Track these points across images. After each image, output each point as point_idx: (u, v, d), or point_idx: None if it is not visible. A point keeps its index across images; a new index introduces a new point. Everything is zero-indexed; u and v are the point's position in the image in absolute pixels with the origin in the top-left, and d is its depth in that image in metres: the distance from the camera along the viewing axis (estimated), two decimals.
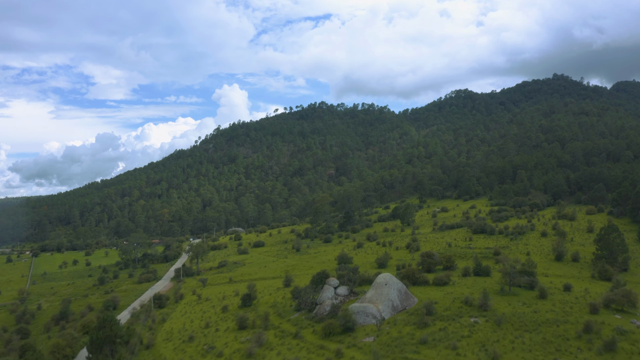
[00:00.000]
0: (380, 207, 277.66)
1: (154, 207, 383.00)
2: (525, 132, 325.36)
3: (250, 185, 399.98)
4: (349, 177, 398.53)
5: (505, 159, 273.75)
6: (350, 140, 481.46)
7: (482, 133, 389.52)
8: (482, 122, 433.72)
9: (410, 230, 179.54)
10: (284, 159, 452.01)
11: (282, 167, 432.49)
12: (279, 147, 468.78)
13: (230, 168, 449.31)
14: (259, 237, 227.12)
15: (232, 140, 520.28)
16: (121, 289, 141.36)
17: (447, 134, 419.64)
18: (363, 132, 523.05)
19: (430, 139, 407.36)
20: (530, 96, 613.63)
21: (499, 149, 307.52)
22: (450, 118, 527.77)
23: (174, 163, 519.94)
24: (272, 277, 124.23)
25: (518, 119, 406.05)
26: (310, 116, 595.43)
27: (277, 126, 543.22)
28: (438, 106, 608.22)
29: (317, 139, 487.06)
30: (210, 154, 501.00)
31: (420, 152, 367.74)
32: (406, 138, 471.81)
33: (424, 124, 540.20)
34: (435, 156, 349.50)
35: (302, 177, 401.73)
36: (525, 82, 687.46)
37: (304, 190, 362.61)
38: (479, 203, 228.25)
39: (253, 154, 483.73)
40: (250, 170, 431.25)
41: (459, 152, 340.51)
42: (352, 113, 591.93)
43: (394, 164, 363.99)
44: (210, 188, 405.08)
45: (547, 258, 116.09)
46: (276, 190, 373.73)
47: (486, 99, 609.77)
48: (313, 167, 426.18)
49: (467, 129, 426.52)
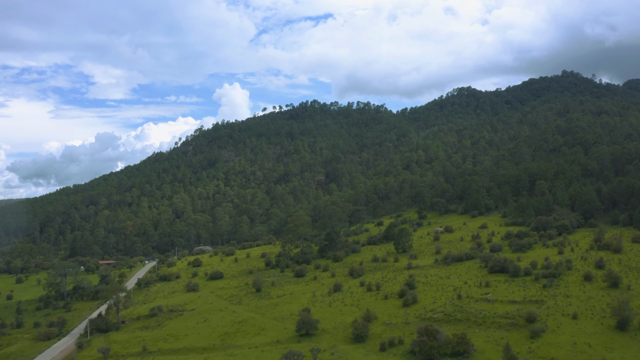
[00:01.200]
0: (373, 221, 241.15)
1: (119, 218, 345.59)
2: (540, 134, 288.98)
3: (229, 193, 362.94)
4: (339, 184, 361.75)
5: (520, 166, 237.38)
6: (342, 142, 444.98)
7: (489, 135, 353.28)
8: (488, 123, 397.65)
9: (406, 261, 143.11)
10: (268, 163, 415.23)
11: (266, 172, 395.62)
12: (264, 150, 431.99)
13: (209, 173, 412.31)
14: (222, 262, 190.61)
15: (214, 142, 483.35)
16: (5, 351, 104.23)
17: (449, 136, 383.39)
18: (357, 133, 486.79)
19: (431, 141, 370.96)
20: (538, 94, 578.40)
21: (511, 153, 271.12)
22: (452, 118, 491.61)
23: (149, 167, 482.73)
24: (201, 349, 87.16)
25: (529, 119, 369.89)
26: (301, 116, 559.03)
27: (263, 127, 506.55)
28: (439, 105, 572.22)
29: (307, 140, 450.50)
30: (188, 158, 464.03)
31: (420, 156, 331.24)
32: (404, 140, 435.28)
33: (424, 124, 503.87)
34: (436, 161, 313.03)
35: (287, 184, 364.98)
36: (532, 79, 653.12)
37: (288, 200, 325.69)
38: (491, 221, 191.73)
39: (235, 157, 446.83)
40: (231, 176, 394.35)
41: (464, 157, 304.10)
42: (345, 112, 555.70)
43: (389, 170, 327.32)
44: (185, 196, 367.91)
45: (603, 324, 79.68)
46: (257, 199, 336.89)
47: (491, 97, 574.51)
48: (300, 173, 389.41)
49: (471, 130, 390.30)
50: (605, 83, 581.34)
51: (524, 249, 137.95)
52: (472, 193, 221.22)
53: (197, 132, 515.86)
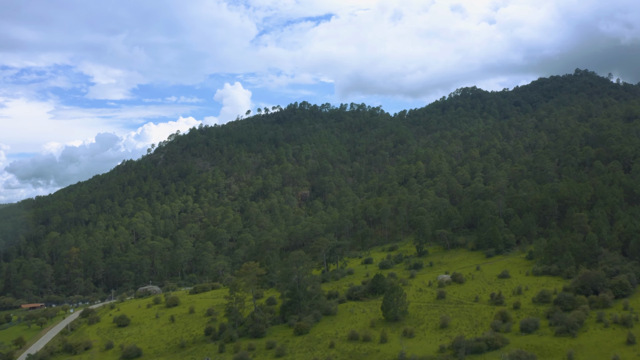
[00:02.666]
0: (360, 256, 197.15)
1: (66, 242, 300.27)
2: (564, 145, 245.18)
3: (198, 211, 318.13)
4: (325, 200, 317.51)
5: (544, 186, 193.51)
6: (332, 149, 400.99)
7: (501, 143, 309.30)
8: (498, 128, 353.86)
9: (397, 342, 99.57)
10: (247, 174, 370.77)
11: (243, 186, 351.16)
12: (242, 160, 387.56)
13: (178, 186, 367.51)
14: (158, 319, 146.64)
15: (188, 150, 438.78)
16: None
17: (453, 143, 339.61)
18: (350, 139, 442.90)
19: (433, 150, 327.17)
20: (549, 95, 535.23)
21: (530, 168, 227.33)
22: (456, 122, 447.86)
23: (115, 178, 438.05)
24: None
25: (546, 124, 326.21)
26: (289, 119, 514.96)
27: (245, 132, 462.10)
28: (441, 107, 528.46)
29: (292, 148, 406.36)
30: (158, 167, 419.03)
31: (420, 168, 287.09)
32: (402, 148, 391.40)
33: (424, 129, 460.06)
34: (439, 175, 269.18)
35: (265, 200, 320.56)
36: (542, 79, 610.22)
37: (263, 222, 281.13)
38: (513, 265, 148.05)
39: (210, 167, 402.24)
40: (202, 190, 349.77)
41: (472, 171, 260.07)
42: (338, 115, 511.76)
43: (384, 186, 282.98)
44: (147, 214, 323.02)
45: None
46: (227, 219, 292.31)
47: (498, 98, 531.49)
48: (281, 187, 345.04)
49: (479, 137, 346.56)
50: (622, 83, 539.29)
51: (572, 331, 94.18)
52: (485, 223, 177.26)
53: (171, 138, 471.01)
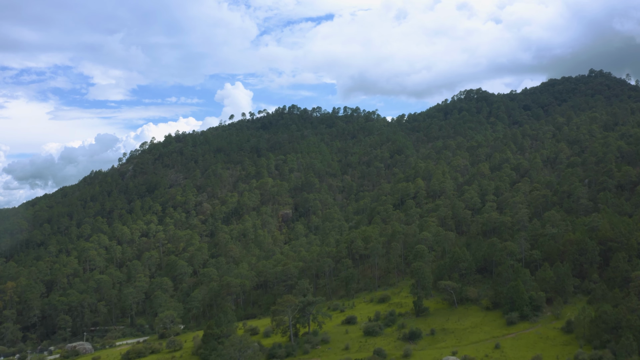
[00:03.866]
0: (343, 309, 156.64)
1: (6, 272, 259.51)
2: (595, 162, 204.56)
3: (160, 235, 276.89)
4: (308, 222, 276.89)
5: (577, 220, 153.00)
6: (320, 160, 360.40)
7: (515, 156, 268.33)
8: (510, 138, 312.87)
9: None
10: (221, 190, 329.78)
11: (216, 204, 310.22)
12: (218, 172, 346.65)
13: (145, 203, 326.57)
14: None
15: (161, 160, 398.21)
16: None
17: (458, 155, 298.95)
18: (341, 147, 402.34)
19: (435, 164, 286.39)
20: (562, 98, 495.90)
21: (556, 192, 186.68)
22: (460, 128, 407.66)
23: (78, 193, 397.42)
24: None
25: (567, 133, 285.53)
26: (275, 125, 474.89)
27: (225, 139, 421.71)
28: (443, 111, 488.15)
29: (275, 159, 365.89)
30: (125, 180, 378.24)
31: (419, 187, 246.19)
32: (399, 159, 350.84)
33: (424, 136, 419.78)
34: (442, 198, 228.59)
35: (240, 223, 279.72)
36: (553, 80, 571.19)
37: (233, 251, 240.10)
38: (546, 341, 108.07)
39: (183, 180, 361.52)
40: (169, 209, 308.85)
41: (482, 192, 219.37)
42: (329, 120, 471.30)
43: (376, 209, 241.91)
44: (104, 239, 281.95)
45: None
46: (192, 247, 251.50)
47: (505, 101, 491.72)
48: (261, 204, 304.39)
49: (488, 147, 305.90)
50: None
51: None
52: (504, 273, 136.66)
53: (143, 147, 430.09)
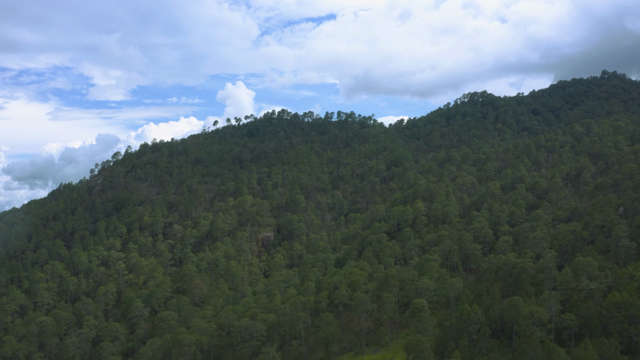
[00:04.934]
0: None
1: None
2: (634, 187, 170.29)
3: (120, 265, 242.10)
4: (291, 250, 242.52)
5: (621, 272, 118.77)
6: (308, 173, 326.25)
7: (530, 174, 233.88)
8: (522, 149, 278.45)
9: None
10: (196, 209, 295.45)
11: (187, 225, 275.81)
12: (193, 188, 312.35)
13: (110, 224, 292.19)
14: None
15: (134, 172, 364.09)
16: None
17: (464, 170, 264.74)
18: (333, 157, 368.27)
19: (437, 180, 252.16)
20: (574, 101, 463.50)
21: (587, 226, 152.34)
22: (465, 136, 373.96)
23: (42, 210, 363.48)
24: None
25: (587, 146, 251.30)
26: (262, 132, 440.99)
27: (205, 149, 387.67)
28: (446, 116, 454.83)
29: (258, 172, 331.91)
30: (92, 196, 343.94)
31: (418, 211, 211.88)
32: (397, 171, 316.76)
33: (425, 145, 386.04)
34: (447, 225, 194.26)
35: (211, 250, 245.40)
36: (562, 82, 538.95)
37: (199, 288, 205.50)
38: None
39: (156, 195, 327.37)
40: (135, 231, 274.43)
41: (494, 221, 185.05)
42: (321, 127, 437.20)
43: (367, 238, 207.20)
44: (59, 267, 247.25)
45: None
46: (153, 281, 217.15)
47: (513, 105, 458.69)
48: (239, 226, 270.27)
49: (498, 160, 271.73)
50: None
51: None
52: (530, 351, 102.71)
53: (115, 157, 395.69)
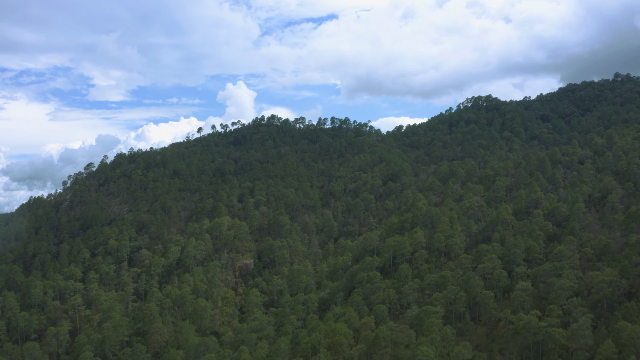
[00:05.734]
0: None
1: None
2: None
3: (76, 300, 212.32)
4: (271, 281, 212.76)
5: None
6: (296, 188, 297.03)
7: (547, 196, 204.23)
8: (535, 164, 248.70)
9: None
10: (169, 230, 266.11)
11: (158, 250, 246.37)
12: (168, 206, 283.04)
13: (74, 246, 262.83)
14: None
15: (107, 186, 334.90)
16: None
17: (470, 190, 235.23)
18: (325, 169, 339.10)
19: (440, 203, 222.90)
20: (585, 106, 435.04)
21: (624, 272, 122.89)
22: (469, 146, 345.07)
23: (5, 228, 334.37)
24: None
25: (611, 162, 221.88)
26: (249, 139, 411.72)
27: (186, 159, 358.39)
28: (448, 122, 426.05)
29: (241, 187, 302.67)
30: (59, 214, 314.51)
31: (418, 243, 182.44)
32: (394, 187, 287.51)
33: (426, 155, 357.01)
34: (451, 263, 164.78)
35: (181, 282, 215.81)
36: (572, 85, 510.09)
37: (159, 333, 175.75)
38: None
39: (127, 213, 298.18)
40: (98, 258, 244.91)
41: (507, 259, 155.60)
42: (313, 134, 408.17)
43: (357, 276, 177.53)
44: (10, 299, 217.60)
45: None
46: (108, 322, 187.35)
47: (520, 110, 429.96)
48: (214, 252, 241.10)
49: (508, 176, 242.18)
50: None
51: None
52: None
53: (87, 170, 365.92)
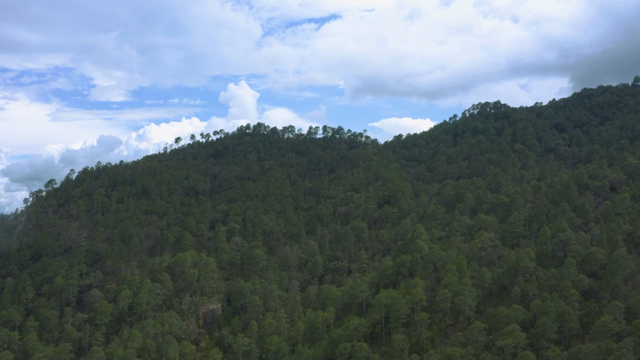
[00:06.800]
0: None
1: None
2: None
3: (7, 357, 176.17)
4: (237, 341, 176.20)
5: None
6: (274, 217, 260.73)
7: (578, 235, 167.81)
8: (558, 190, 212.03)
9: None
10: (127, 265, 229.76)
11: (110, 290, 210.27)
12: (128, 233, 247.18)
13: (19, 282, 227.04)
14: None
15: (67, 206, 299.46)
16: None
17: (482, 223, 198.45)
18: (313, 188, 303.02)
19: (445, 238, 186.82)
20: (604, 114, 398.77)
21: None
22: (477, 161, 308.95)
23: None
24: None
25: None
26: (232, 151, 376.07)
27: (157, 176, 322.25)
28: (452, 132, 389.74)
29: (215, 207, 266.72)
30: (9, 243, 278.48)
31: (418, 300, 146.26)
32: (390, 213, 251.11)
33: (428, 172, 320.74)
34: (460, 334, 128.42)
35: (130, 335, 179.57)
36: (588, 90, 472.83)
37: None
38: None
39: (85, 239, 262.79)
40: (41, 300, 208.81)
41: (535, 334, 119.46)
42: (302, 145, 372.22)
43: (340, 347, 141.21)
44: None
45: None
46: None
47: (532, 118, 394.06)
48: (175, 294, 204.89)
49: (527, 204, 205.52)
50: None
51: None
52: None
53: (49, 187, 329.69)
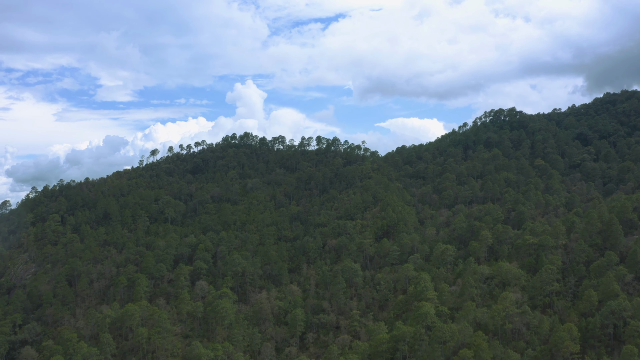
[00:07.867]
0: None
1: None
2: None
3: None
4: None
5: None
6: (250, 256, 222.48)
7: (632, 300, 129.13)
8: (596, 228, 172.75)
9: None
10: (73, 313, 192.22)
11: (47, 348, 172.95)
12: (78, 272, 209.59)
13: None
14: None
15: (18, 234, 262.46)
16: None
17: (502, 274, 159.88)
18: (301, 213, 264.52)
19: (457, 295, 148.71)
20: (632, 123, 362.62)
21: None
22: (492, 181, 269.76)
23: None
24: None
25: None
26: (214, 165, 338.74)
27: (123, 197, 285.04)
28: (463, 144, 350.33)
29: (182, 239, 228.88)
30: None
31: None
32: (390, 251, 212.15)
33: (435, 193, 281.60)
34: None
35: None
36: (610, 95, 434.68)
37: None
38: None
39: (32, 275, 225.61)
40: None
41: None
42: (292, 160, 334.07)
43: None
44: None
45: None
46: None
47: (552, 129, 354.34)
48: (121, 359, 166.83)
49: (559, 248, 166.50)
50: None
51: None
52: None
53: (3, 207, 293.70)
